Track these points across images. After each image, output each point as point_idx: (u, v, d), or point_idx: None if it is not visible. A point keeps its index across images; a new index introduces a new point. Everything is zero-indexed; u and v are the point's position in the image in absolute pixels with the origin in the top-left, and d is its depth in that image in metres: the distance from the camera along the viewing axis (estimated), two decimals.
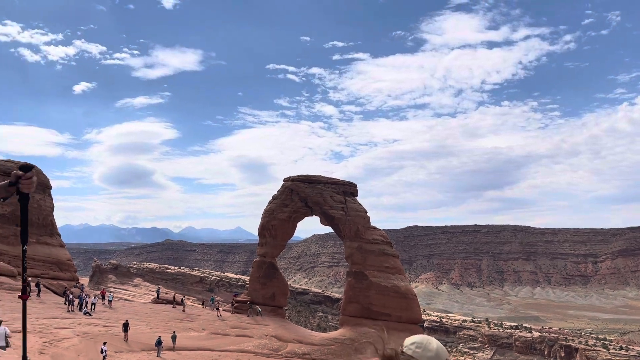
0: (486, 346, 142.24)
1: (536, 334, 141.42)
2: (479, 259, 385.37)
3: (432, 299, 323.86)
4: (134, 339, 42.46)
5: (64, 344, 34.07)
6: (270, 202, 75.76)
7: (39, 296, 51.92)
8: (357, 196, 76.78)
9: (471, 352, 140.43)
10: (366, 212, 74.64)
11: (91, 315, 49.51)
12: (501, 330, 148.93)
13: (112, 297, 63.24)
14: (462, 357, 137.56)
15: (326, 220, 73.99)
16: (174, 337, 45.00)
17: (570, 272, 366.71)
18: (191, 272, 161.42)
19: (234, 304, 72.34)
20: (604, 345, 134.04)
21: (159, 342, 41.78)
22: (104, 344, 35.71)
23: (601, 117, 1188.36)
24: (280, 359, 53.63)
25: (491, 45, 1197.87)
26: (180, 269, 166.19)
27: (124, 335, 41.82)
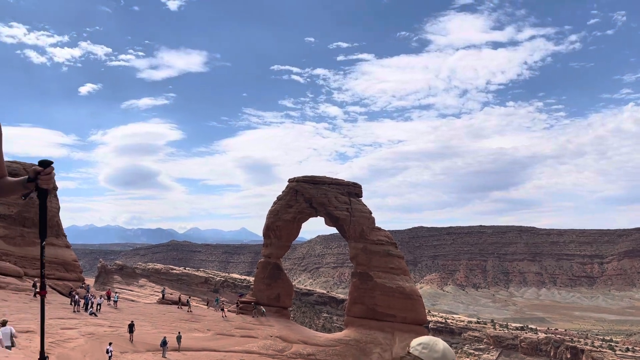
0: (491, 347, 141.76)
1: (542, 335, 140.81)
2: (484, 260, 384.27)
3: (437, 300, 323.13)
4: (139, 340, 42.58)
5: (70, 345, 34.22)
6: (274, 203, 75.82)
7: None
8: (361, 197, 76.73)
9: (476, 353, 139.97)
10: (371, 212, 74.58)
11: (97, 315, 49.69)
12: (506, 331, 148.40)
13: (117, 298, 63.44)
14: (468, 359, 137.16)
15: (331, 221, 73.98)
16: (179, 338, 45.11)
17: (576, 273, 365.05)
18: (196, 273, 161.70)
19: (239, 304, 72.43)
20: (610, 346, 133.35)
21: (164, 343, 41.88)
22: (110, 344, 35.84)
23: (607, 118, 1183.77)
24: (285, 359, 53.65)
25: (496, 45, 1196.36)
26: (185, 269, 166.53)
27: (130, 335, 41.94)
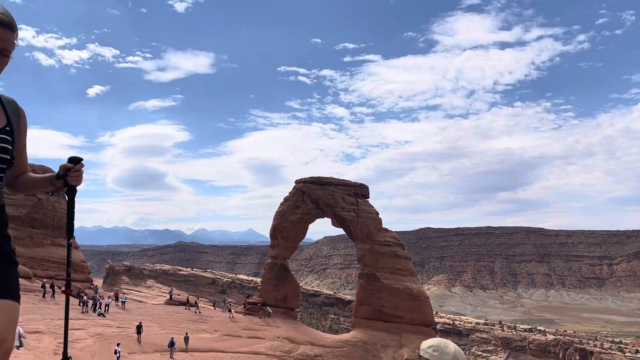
0: (499, 349, 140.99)
1: (550, 337, 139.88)
2: (492, 261, 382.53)
3: (444, 301, 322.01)
4: (146, 340, 42.72)
5: (78, 345, 34.39)
6: (281, 204, 75.88)
7: (53, 297, 52.47)
8: (368, 198, 76.62)
9: (484, 354, 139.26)
10: (378, 213, 74.45)
11: (105, 316, 49.93)
12: (515, 333, 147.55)
13: (125, 299, 63.72)
14: None
15: (338, 222, 73.92)
16: (186, 339, 45.21)
17: (585, 274, 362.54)
18: (203, 274, 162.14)
19: (246, 305, 72.53)
20: (619, 348, 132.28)
21: (171, 344, 41.99)
22: (118, 345, 35.98)
23: (616, 118, 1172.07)
24: None
25: (503, 45, 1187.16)
26: (192, 270, 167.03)
27: (137, 336, 42.10)
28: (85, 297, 50.78)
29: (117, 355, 34.84)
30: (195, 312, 65.84)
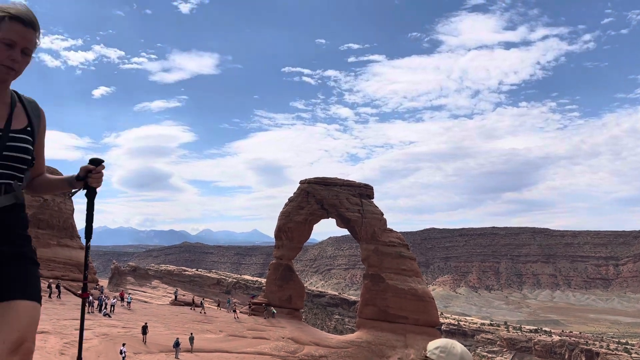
0: (505, 350, 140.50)
1: (556, 338, 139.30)
2: (497, 262, 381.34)
3: (449, 301, 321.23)
4: (152, 341, 42.83)
5: (84, 345, 34.51)
6: (286, 205, 75.94)
7: (59, 297, 52.71)
8: (373, 198, 76.56)
9: (490, 355, 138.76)
10: (382, 214, 74.37)
11: (110, 316, 50.13)
12: (520, 333, 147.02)
13: (130, 299, 63.92)
14: None
15: (342, 222, 73.90)
16: (191, 339, 45.30)
17: (590, 275, 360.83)
18: (208, 275, 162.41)
19: (251, 306, 72.62)
20: (625, 349, 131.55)
21: (176, 344, 42.08)
22: (123, 345, 36.09)
23: (622, 118, 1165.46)
24: None
25: (508, 45, 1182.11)
26: (197, 271, 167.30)
27: (143, 337, 42.22)
28: (91, 298, 51.00)
29: (123, 355, 34.95)
30: (200, 312, 65.98)
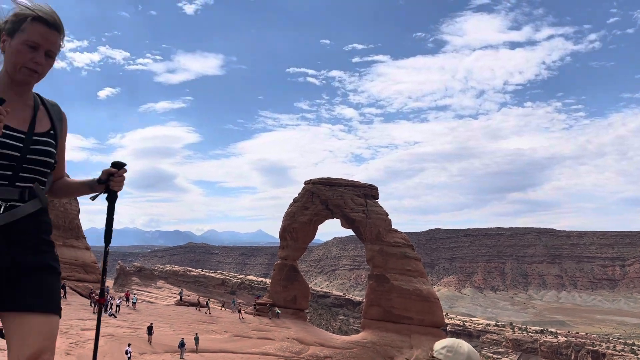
0: (510, 351, 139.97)
1: (562, 339, 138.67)
2: (503, 262, 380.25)
3: (454, 302, 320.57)
4: (157, 341, 42.94)
5: (90, 345, 34.61)
6: (291, 205, 75.97)
7: (65, 298, 52.92)
8: (378, 199, 76.47)
9: (495, 356, 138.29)
10: (387, 214, 74.28)
11: (116, 317, 50.30)
12: (526, 334, 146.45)
13: (136, 299, 64.08)
14: None
15: (347, 223, 73.85)
16: (196, 339, 45.36)
17: (597, 275, 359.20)
18: (213, 275, 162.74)
19: (256, 306, 72.69)
20: (632, 350, 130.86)
21: (182, 344, 42.14)
22: (129, 345, 36.20)
23: (628, 117, 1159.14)
24: None
25: (513, 45, 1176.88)
26: (202, 271, 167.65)
27: (148, 337, 42.34)
28: (96, 298, 51.21)
29: (128, 355, 35.06)
30: (206, 312, 66.11)
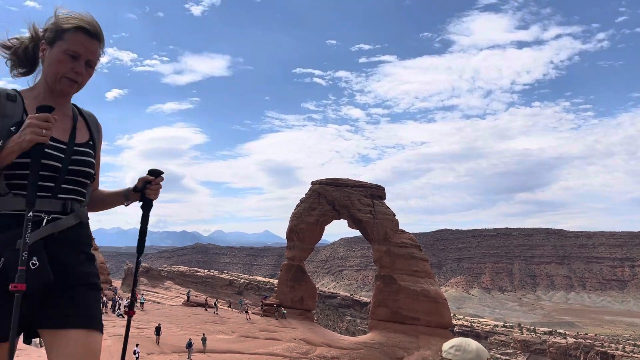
0: (519, 352, 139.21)
1: (571, 340, 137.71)
2: (511, 263, 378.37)
3: (462, 303, 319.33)
4: (165, 341, 43.11)
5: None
6: (298, 206, 76.00)
7: None
8: (385, 199, 76.34)
9: (503, 357, 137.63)
10: (394, 215, 74.13)
11: (124, 317, 50.52)
12: (534, 335, 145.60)
13: (143, 300, 64.36)
14: None
15: (354, 223, 73.79)
16: (204, 340, 45.48)
17: (606, 276, 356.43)
18: (220, 275, 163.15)
19: (263, 307, 72.79)
20: None
21: (189, 345, 42.26)
22: (137, 345, 36.36)
23: (637, 117, 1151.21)
24: None
25: (521, 45, 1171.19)
26: (209, 272, 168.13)
27: (156, 337, 42.53)
28: (104, 298, 51.47)
29: (136, 355, 35.21)
30: (214, 313, 66.32)
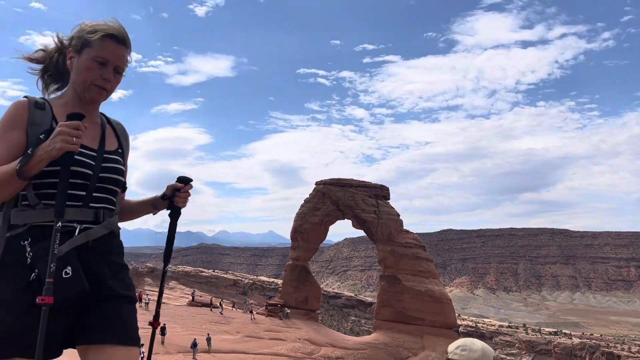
0: (524, 352, 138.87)
1: (576, 341, 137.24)
2: (515, 263, 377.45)
3: (467, 303, 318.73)
4: (170, 341, 43.24)
5: None
6: (302, 206, 76.06)
7: None
8: (389, 199, 76.30)
9: (508, 358, 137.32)
10: (399, 215, 74.06)
11: None
12: (539, 336, 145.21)
13: (148, 300, 64.52)
14: None
15: (358, 223, 73.78)
16: (208, 340, 45.58)
17: (611, 276, 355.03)
18: (225, 276, 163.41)
19: (267, 307, 72.89)
20: None
21: (194, 345, 42.37)
22: (142, 345, 36.45)
23: None
24: None
25: (526, 44, 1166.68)
26: (214, 272, 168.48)
27: (161, 337, 42.65)
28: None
29: (141, 355, 35.31)
30: (220, 312, 66.49)
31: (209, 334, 46.94)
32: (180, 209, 3.15)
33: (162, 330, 43.02)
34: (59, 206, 2.46)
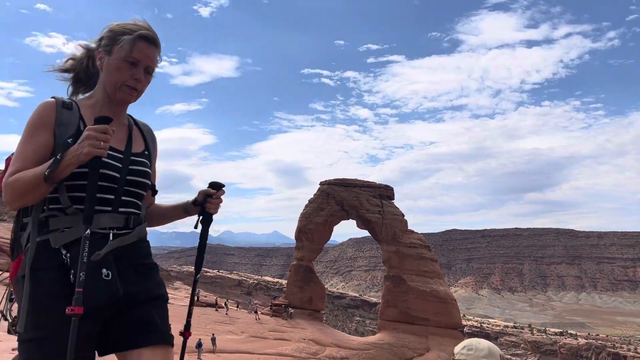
0: (529, 353, 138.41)
1: (582, 341, 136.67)
2: (521, 263, 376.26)
3: (472, 303, 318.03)
4: (175, 341, 43.28)
5: None
6: (306, 206, 76.12)
7: None
8: (393, 199, 76.24)
9: (514, 358, 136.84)
10: (403, 215, 74.00)
11: None
12: (545, 336, 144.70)
13: None
14: None
15: (362, 223, 73.76)
16: (213, 340, 45.66)
17: (617, 276, 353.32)
18: (229, 276, 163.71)
19: (272, 307, 72.98)
20: None
21: (199, 345, 42.44)
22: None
23: None
24: None
25: (530, 44, 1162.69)
26: (218, 272, 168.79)
27: None
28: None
29: None
30: (225, 313, 66.60)
31: (213, 334, 47.01)
32: (212, 215, 3.09)
33: None
34: (88, 212, 2.41)
